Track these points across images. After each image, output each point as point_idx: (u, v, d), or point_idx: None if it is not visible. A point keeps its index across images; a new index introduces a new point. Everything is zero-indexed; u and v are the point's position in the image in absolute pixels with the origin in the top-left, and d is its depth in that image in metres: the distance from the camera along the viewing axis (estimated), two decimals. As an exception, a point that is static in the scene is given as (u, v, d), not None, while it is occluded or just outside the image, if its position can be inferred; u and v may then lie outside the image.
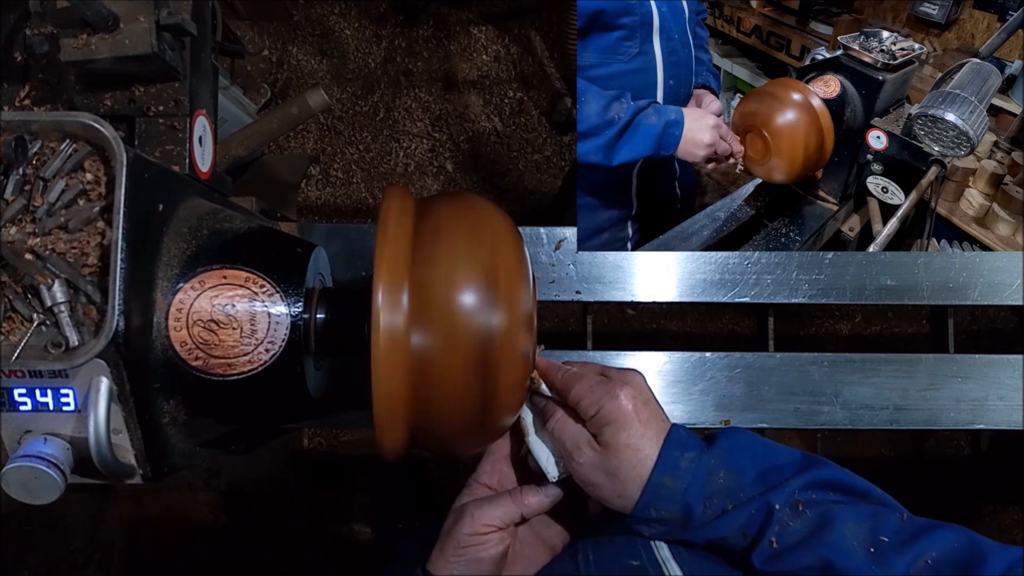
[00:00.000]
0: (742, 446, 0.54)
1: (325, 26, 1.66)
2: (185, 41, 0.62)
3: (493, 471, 0.60)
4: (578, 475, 0.54)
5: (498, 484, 0.60)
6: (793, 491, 0.51)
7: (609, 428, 0.53)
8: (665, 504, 0.52)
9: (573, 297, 0.85)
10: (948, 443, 1.64)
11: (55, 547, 1.61)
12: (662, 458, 0.52)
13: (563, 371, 0.58)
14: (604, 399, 0.54)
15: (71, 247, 0.51)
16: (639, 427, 0.53)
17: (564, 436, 0.55)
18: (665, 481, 0.52)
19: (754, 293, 0.86)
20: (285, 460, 1.62)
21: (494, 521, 0.55)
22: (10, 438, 0.53)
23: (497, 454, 0.61)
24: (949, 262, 0.86)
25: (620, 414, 0.53)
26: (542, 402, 0.59)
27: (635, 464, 0.52)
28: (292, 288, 0.58)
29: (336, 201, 1.64)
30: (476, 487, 0.60)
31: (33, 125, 0.52)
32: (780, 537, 0.49)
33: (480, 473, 0.61)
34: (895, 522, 0.50)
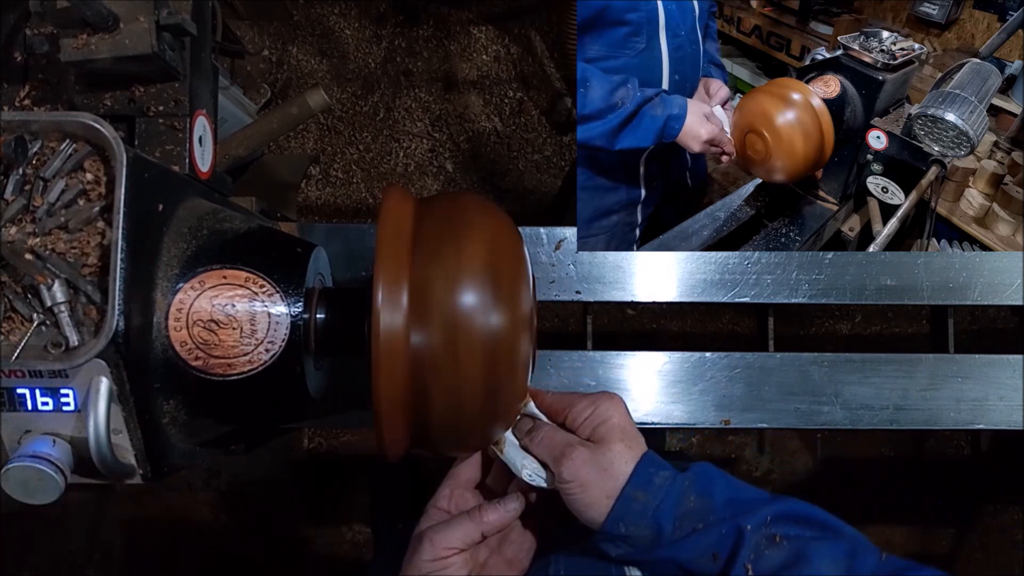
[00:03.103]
0: (713, 476, 0.55)
1: (325, 26, 1.66)
2: (185, 41, 0.62)
3: (452, 496, 0.59)
4: (569, 472, 0.53)
5: (455, 509, 0.59)
6: (765, 517, 0.51)
7: (604, 426, 0.54)
8: (635, 519, 0.52)
9: (573, 297, 0.85)
10: (948, 443, 1.64)
11: (55, 547, 1.61)
12: (636, 473, 0.53)
13: (551, 391, 0.60)
14: (600, 400, 0.56)
15: (71, 247, 0.51)
16: (630, 432, 0.55)
17: (555, 440, 0.55)
18: (638, 495, 0.52)
19: (754, 293, 0.86)
20: (285, 460, 1.62)
21: (454, 543, 0.54)
22: (10, 438, 0.53)
23: (457, 479, 0.60)
24: (949, 262, 0.86)
25: (616, 412, 0.55)
26: (528, 423, 0.58)
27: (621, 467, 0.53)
28: (292, 288, 0.58)
29: (336, 201, 1.64)
30: (434, 512, 0.58)
31: (33, 125, 0.52)
32: (755, 564, 0.49)
33: (439, 498, 0.59)
34: (874, 561, 0.49)
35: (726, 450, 1.65)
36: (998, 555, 1.63)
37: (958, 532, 1.64)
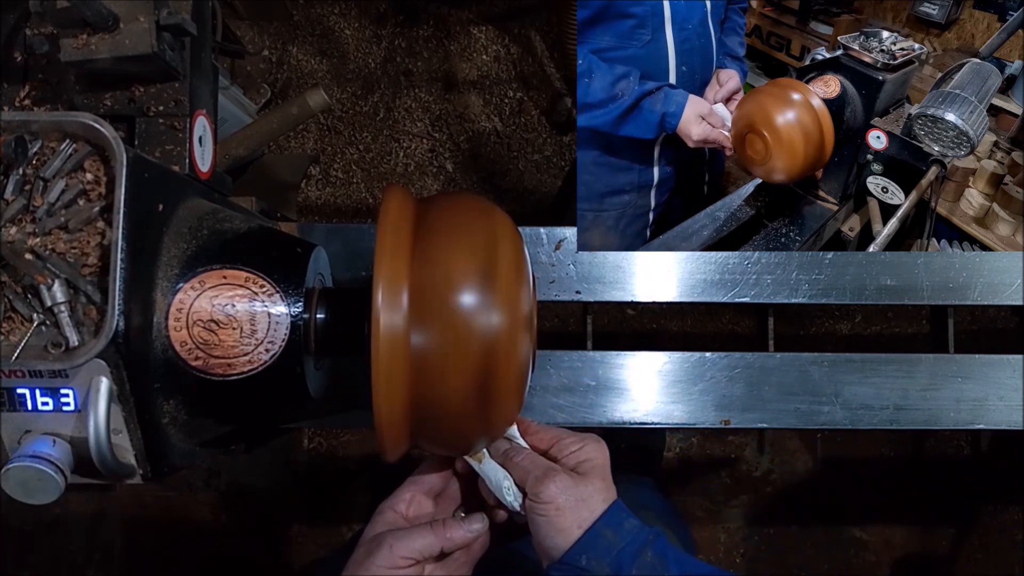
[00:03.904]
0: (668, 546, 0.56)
1: (325, 26, 1.66)
2: (185, 41, 0.62)
3: (412, 501, 0.59)
4: (549, 494, 0.54)
5: (413, 515, 0.59)
6: None
7: (588, 463, 0.56)
8: (599, 555, 0.52)
9: (573, 297, 0.85)
10: (948, 443, 1.64)
11: (55, 547, 1.61)
12: (609, 512, 0.54)
13: (537, 423, 0.61)
14: (589, 439, 0.58)
15: (71, 247, 0.51)
16: (609, 478, 0.57)
17: (537, 463, 0.56)
18: (607, 532, 0.53)
19: (754, 293, 0.86)
20: (285, 460, 1.62)
21: (412, 554, 0.54)
22: (10, 438, 0.53)
23: (419, 485, 0.60)
24: (949, 262, 0.86)
25: (602, 456, 0.57)
26: (505, 444, 0.59)
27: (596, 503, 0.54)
28: (292, 288, 0.58)
29: (336, 201, 1.64)
30: (391, 515, 0.58)
31: (33, 125, 0.52)
32: None
33: (396, 501, 0.59)
34: None
35: (726, 450, 1.65)
36: (998, 555, 1.63)
37: (958, 532, 1.64)
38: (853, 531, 1.64)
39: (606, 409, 0.84)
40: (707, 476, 1.64)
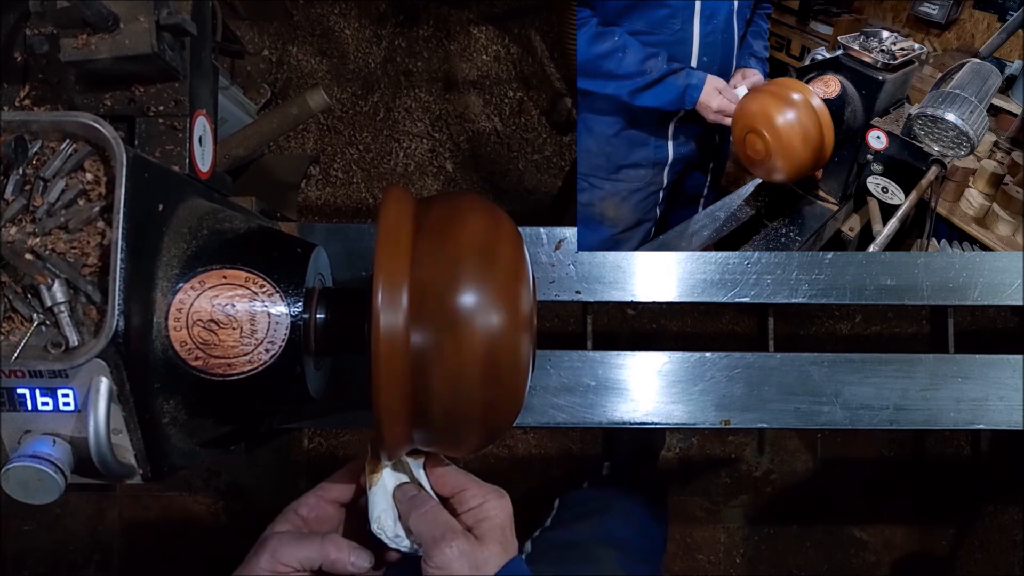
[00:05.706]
0: None
1: (325, 26, 1.66)
2: (185, 41, 0.62)
3: (316, 506, 0.59)
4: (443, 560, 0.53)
5: (315, 522, 0.58)
6: None
7: (487, 523, 0.55)
8: None
9: (573, 297, 0.85)
10: (948, 443, 1.64)
11: (55, 547, 1.61)
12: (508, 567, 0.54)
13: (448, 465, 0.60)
14: (491, 495, 0.56)
15: (71, 247, 0.51)
16: (509, 537, 0.56)
17: (438, 520, 0.55)
18: None
19: (754, 293, 0.86)
20: (285, 460, 1.62)
21: (292, 562, 0.54)
22: (10, 438, 0.53)
23: (327, 492, 0.60)
24: (949, 262, 0.86)
25: (502, 513, 0.56)
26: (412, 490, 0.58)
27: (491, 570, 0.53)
28: (292, 288, 0.58)
29: (336, 201, 1.64)
30: (292, 517, 0.58)
31: (33, 125, 0.52)
32: None
33: (301, 505, 0.59)
34: None
35: (726, 450, 1.65)
36: (998, 555, 1.63)
37: (958, 532, 1.64)
38: (853, 531, 1.64)
39: (606, 409, 0.84)
40: (707, 476, 1.64)
